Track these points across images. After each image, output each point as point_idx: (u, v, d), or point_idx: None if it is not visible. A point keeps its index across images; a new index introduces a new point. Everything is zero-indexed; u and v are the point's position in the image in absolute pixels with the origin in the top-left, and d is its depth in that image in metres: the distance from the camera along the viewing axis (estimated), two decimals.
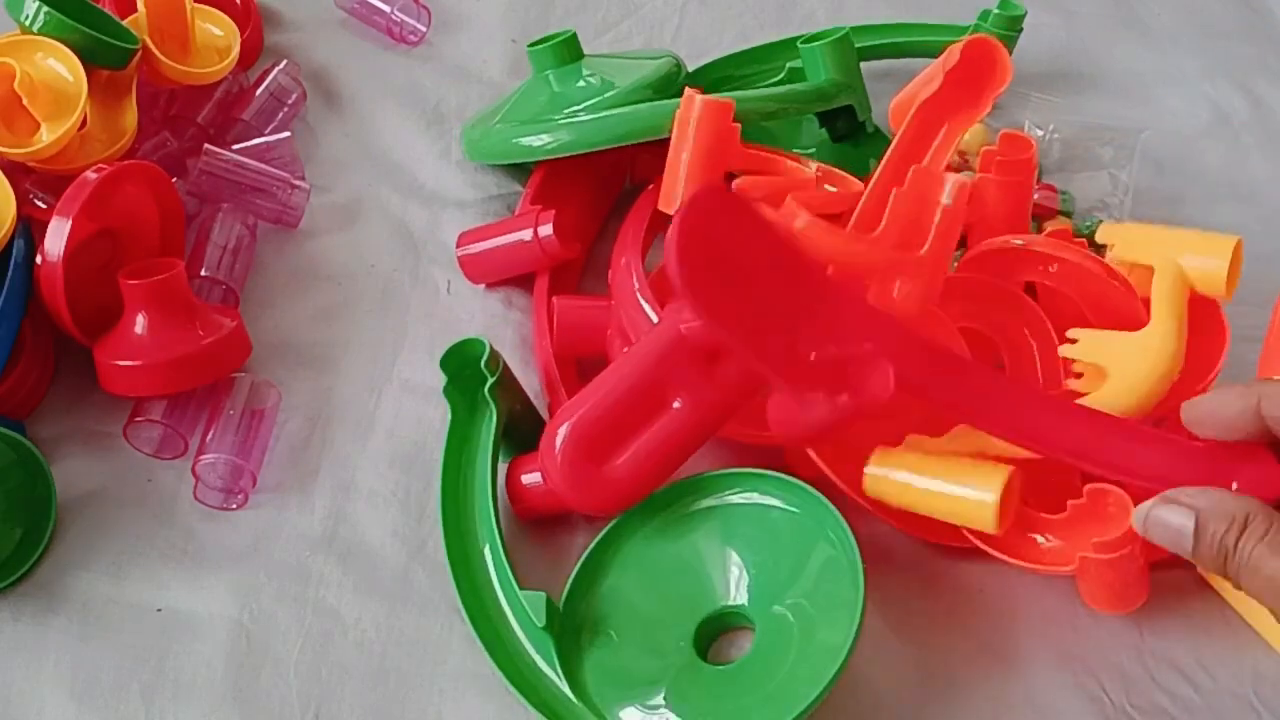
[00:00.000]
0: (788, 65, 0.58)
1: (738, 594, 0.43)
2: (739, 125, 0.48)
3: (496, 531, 0.44)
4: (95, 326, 0.49)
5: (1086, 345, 0.44)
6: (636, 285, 0.48)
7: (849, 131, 0.59)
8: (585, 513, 0.46)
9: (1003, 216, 0.50)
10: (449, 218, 0.58)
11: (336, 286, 0.56)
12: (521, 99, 0.58)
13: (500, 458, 0.46)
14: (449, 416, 0.47)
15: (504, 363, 0.46)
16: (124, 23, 0.55)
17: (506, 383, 0.47)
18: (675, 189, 0.48)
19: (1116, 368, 0.43)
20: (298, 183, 0.57)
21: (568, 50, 0.57)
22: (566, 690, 0.41)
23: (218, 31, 0.60)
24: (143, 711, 0.43)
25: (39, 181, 0.52)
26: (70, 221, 0.47)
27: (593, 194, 0.57)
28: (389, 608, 0.45)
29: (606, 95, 0.55)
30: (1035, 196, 0.56)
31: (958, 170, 0.55)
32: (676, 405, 0.43)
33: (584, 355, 0.52)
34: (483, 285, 0.55)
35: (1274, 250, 0.53)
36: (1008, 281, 0.49)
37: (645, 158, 0.56)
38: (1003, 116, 0.61)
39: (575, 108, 0.55)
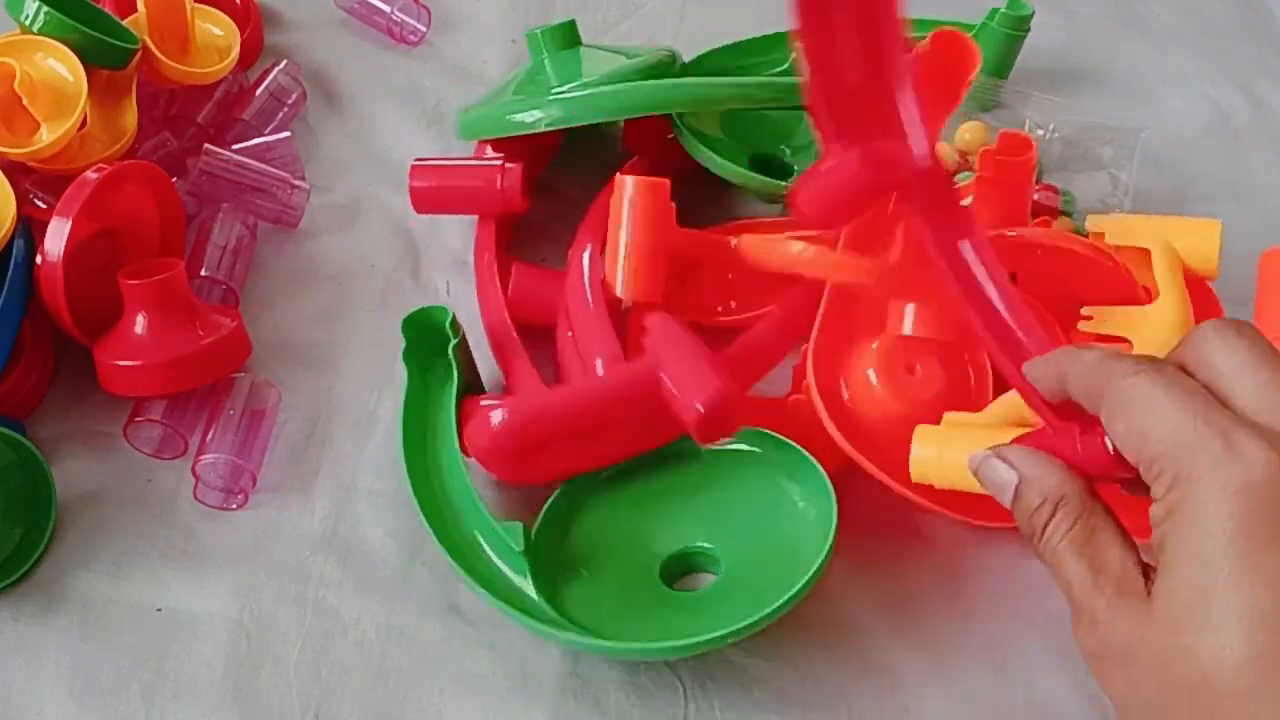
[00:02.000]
0: (794, 55, 0.58)
1: (702, 534, 0.45)
2: (674, 206, 0.49)
3: (465, 475, 0.46)
4: (95, 326, 0.49)
5: (1105, 320, 0.45)
6: (586, 274, 0.50)
7: None
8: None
9: (1002, 218, 0.50)
10: (449, 218, 0.58)
11: (336, 286, 0.56)
12: (518, 83, 0.59)
13: None
14: (405, 381, 0.48)
15: (463, 333, 0.48)
16: (124, 23, 0.55)
17: (464, 352, 0.48)
18: (616, 273, 0.49)
19: (1139, 336, 0.44)
20: (298, 183, 0.57)
21: (565, 35, 0.58)
22: (549, 609, 0.43)
23: (218, 31, 0.60)
24: (143, 711, 0.43)
25: (39, 181, 0.52)
26: (70, 221, 0.47)
27: (544, 152, 0.58)
28: (389, 608, 0.45)
29: (597, 77, 0.55)
30: (1035, 196, 0.56)
31: (957, 171, 0.55)
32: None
33: (534, 322, 0.52)
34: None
35: None
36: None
37: (632, 127, 0.57)
38: (1004, 115, 0.61)
39: (566, 86, 0.55)
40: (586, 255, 0.51)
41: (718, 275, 0.53)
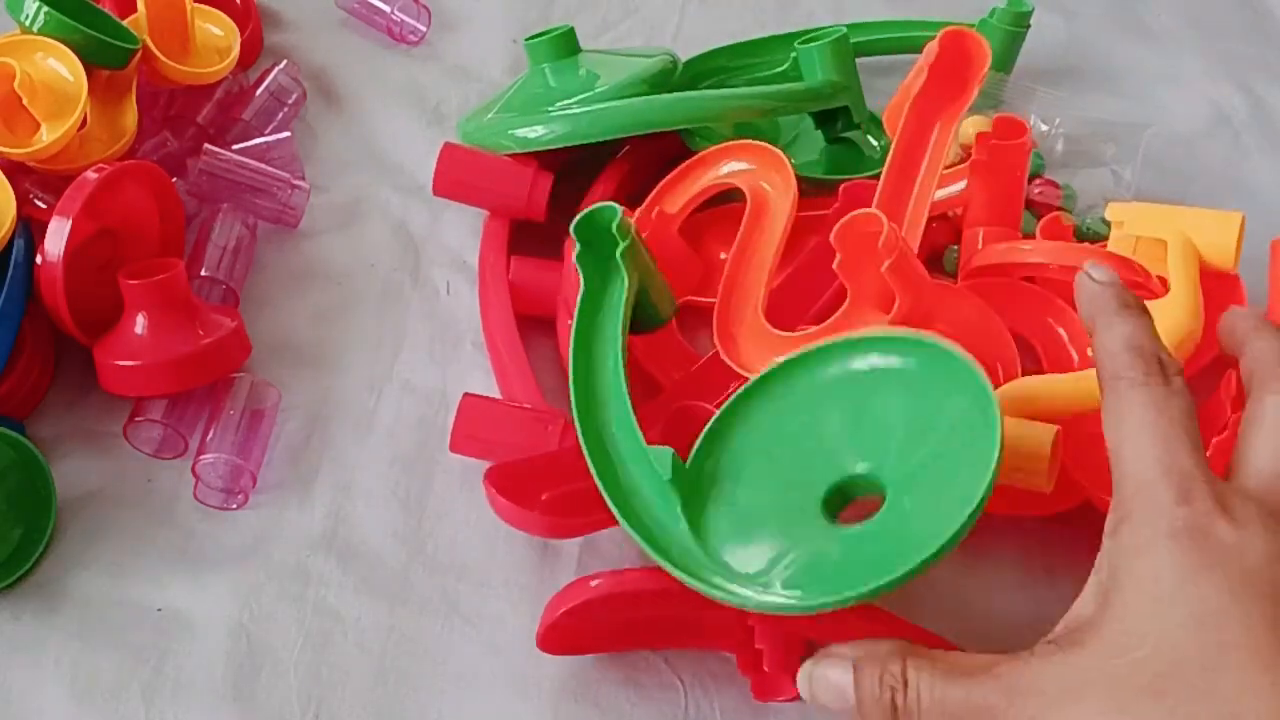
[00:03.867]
0: (792, 56, 0.58)
1: (867, 460, 0.41)
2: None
3: (625, 394, 0.44)
4: (95, 326, 0.49)
5: None
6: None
7: (846, 132, 0.59)
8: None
9: (999, 200, 0.50)
10: (449, 218, 0.58)
11: (336, 286, 0.56)
12: (517, 92, 0.58)
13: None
14: (581, 284, 0.46)
15: (635, 230, 0.46)
16: (124, 23, 0.55)
17: (637, 250, 0.46)
18: None
19: None
20: (298, 183, 0.57)
21: (564, 44, 0.57)
22: (694, 545, 0.40)
23: (218, 31, 0.60)
24: (143, 711, 0.43)
25: (39, 181, 0.52)
26: (70, 221, 0.47)
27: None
28: (389, 608, 0.45)
29: (601, 90, 0.55)
30: (1036, 192, 0.56)
31: (961, 164, 0.55)
32: None
33: (532, 314, 0.52)
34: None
35: None
36: (1011, 278, 0.49)
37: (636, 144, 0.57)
38: (1008, 111, 0.61)
39: (569, 101, 0.55)
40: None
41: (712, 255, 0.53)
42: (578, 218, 0.46)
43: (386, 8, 0.66)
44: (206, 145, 0.56)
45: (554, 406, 0.48)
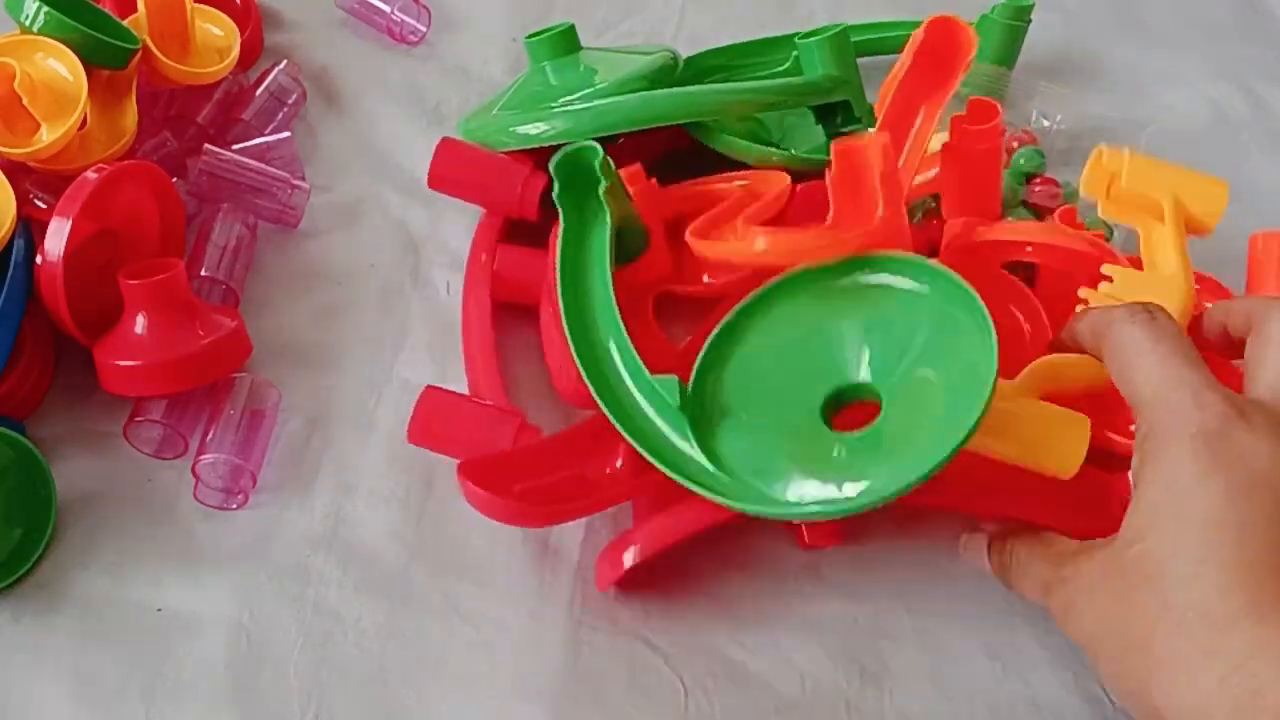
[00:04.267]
0: (794, 54, 0.58)
1: (865, 369, 0.43)
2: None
3: (620, 326, 0.45)
4: (95, 326, 0.49)
5: (1119, 284, 0.45)
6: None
7: (847, 127, 0.59)
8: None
9: (973, 185, 0.51)
10: (449, 218, 0.58)
11: (336, 286, 0.56)
12: (518, 91, 0.58)
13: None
14: (561, 223, 0.49)
15: (616, 175, 0.48)
16: (124, 23, 0.55)
17: (617, 189, 0.48)
18: None
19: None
20: (298, 183, 0.57)
21: (565, 42, 0.57)
22: (708, 464, 0.42)
23: (218, 31, 0.60)
24: (143, 711, 0.43)
25: (39, 181, 0.52)
26: (70, 221, 0.47)
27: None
28: (389, 608, 0.45)
29: (601, 86, 0.55)
30: (1036, 191, 0.56)
31: None
32: None
33: (519, 301, 0.53)
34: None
35: None
36: (990, 263, 0.49)
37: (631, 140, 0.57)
38: (1010, 109, 0.61)
39: (571, 98, 0.55)
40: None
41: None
42: (557, 156, 0.48)
43: (386, 8, 0.66)
44: (206, 145, 0.56)
45: (516, 404, 0.49)
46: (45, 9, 0.51)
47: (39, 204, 0.52)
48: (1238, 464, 0.34)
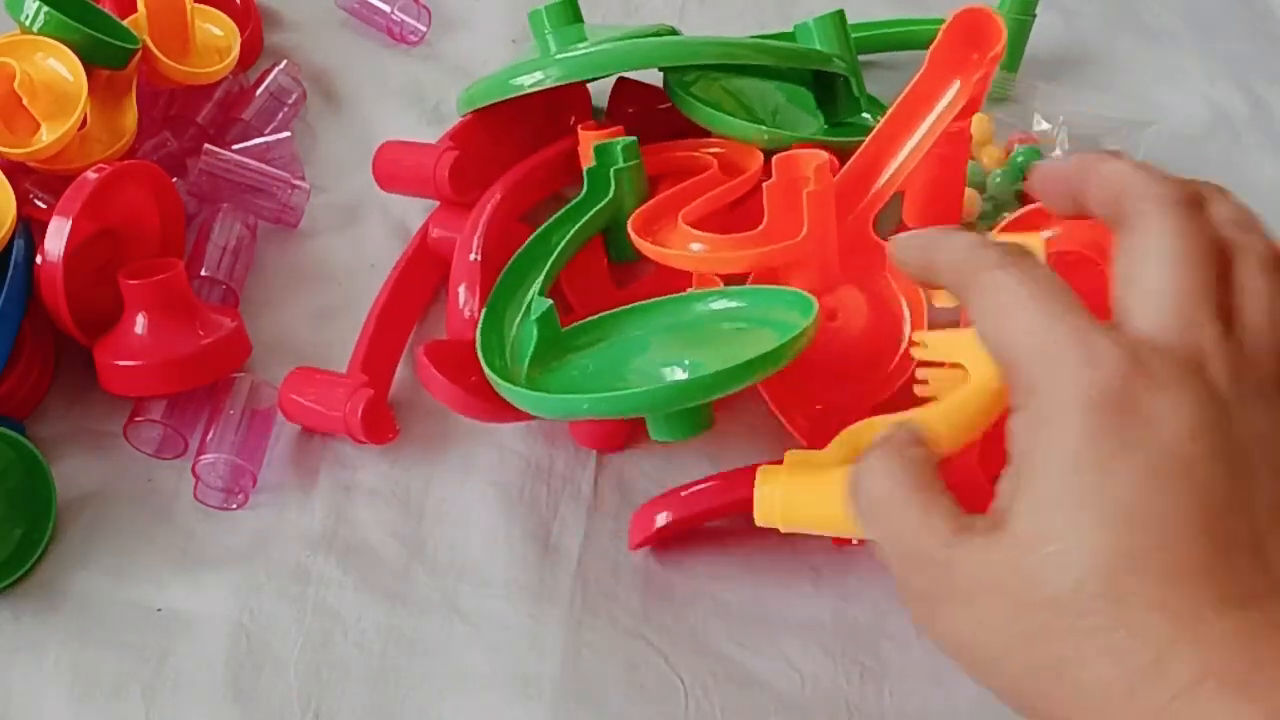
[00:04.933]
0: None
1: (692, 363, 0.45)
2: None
3: (551, 265, 0.49)
4: (95, 326, 0.49)
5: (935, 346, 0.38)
6: (485, 218, 0.52)
7: (847, 110, 0.59)
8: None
9: (939, 190, 0.51)
10: None
11: (336, 286, 0.56)
12: (521, 60, 0.59)
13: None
14: (583, 193, 0.52)
15: (639, 163, 0.51)
16: (124, 23, 0.55)
17: (634, 175, 0.52)
18: None
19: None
20: (298, 183, 0.57)
21: (566, 11, 0.57)
22: (524, 366, 0.45)
23: (218, 31, 0.60)
24: (143, 711, 0.43)
25: (39, 181, 0.52)
26: (70, 221, 0.47)
27: (518, 145, 0.58)
28: (389, 608, 0.45)
29: (599, 39, 0.55)
30: None
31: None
32: None
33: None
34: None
35: None
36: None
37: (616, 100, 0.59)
38: (1013, 109, 0.61)
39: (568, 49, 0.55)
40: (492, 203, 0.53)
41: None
42: (598, 143, 0.52)
43: (386, 8, 0.66)
44: (206, 145, 0.56)
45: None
46: (45, 9, 0.51)
47: (39, 204, 0.52)
48: (1146, 439, 0.29)
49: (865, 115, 0.59)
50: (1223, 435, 0.29)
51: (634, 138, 0.52)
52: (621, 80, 0.59)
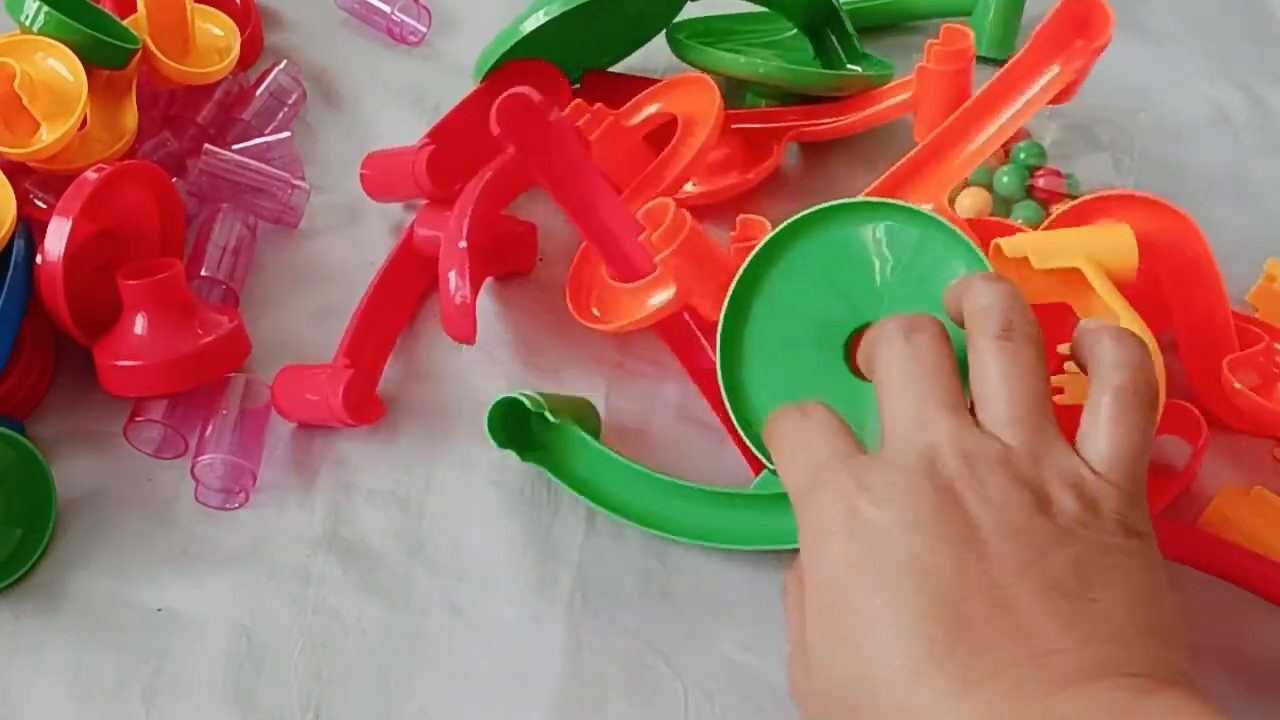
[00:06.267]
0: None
1: (879, 310, 0.43)
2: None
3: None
4: (95, 326, 0.49)
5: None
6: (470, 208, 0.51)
7: (838, 49, 0.61)
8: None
9: (943, 104, 0.52)
10: None
11: (336, 286, 0.56)
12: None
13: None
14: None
15: (545, 406, 0.46)
16: (124, 23, 0.55)
17: (560, 410, 0.47)
18: None
19: None
20: (298, 183, 0.57)
21: None
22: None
23: (218, 31, 0.60)
24: (143, 711, 0.43)
25: (39, 181, 0.52)
26: (70, 221, 0.47)
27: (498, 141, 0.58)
28: (389, 608, 0.45)
29: None
30: (1041, 182, 0.56)
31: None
32: None
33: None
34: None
35: (1274, 250, 0.53)
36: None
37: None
38: None
39: None
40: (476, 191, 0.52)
41: None
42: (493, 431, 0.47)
43: (386, 8, 0.66)
44: (206, 145, 0.56)
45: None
46: (45, 9, 0.51)
47: (39, 204, 0.52)
48: (875, 549, 0.31)
49: (853, 67, 0.61)
50: (946, 520, 0.31)
51: (528, 398, 0.47)
52: (590, 75, 0.62)
